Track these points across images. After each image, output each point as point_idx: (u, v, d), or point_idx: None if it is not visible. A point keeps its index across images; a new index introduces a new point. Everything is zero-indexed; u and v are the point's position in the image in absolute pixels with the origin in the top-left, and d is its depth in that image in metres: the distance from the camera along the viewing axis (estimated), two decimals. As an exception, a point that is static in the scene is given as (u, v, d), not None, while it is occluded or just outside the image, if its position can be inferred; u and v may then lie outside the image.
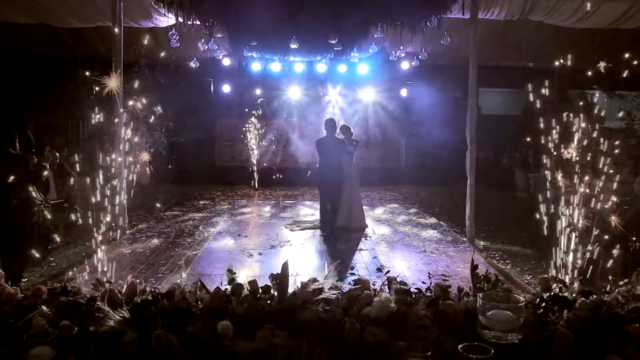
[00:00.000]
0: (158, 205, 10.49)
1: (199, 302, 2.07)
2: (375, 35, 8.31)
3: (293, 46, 7.91)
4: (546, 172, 5.24)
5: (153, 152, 10.38)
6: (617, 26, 9.66)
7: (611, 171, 4.99)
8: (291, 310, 2.02)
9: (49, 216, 7.27)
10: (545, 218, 4.70)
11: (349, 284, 2.29)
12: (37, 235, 7.13)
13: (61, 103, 13.11)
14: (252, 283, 2.20)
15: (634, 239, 6.27)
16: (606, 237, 5.02)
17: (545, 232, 4.88)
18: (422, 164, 14.88)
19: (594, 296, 2.18)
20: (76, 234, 8.21)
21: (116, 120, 7.21)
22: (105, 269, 4.89)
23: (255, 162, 14.31)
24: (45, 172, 7.66)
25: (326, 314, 2.01)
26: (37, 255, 6.66)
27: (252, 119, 14.32)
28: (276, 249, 7.97)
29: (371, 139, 15.42)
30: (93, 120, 5.65)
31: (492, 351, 1.61)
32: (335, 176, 8.81)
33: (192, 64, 10.52)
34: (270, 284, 2.18)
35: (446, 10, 7.97)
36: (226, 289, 2.12)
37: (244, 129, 14.61)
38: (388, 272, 2.37)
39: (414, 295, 2.16)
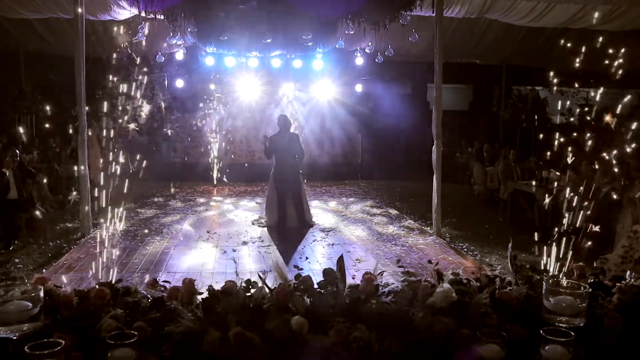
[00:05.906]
0: (120, 202, 10.15)
1: (264, 299, 2.07)
2: (347, 32, 8.39)
3: (266, 41, 7.86)
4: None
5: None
6: (566, 26, 10.14)
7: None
8: (357, 303, 2.06)
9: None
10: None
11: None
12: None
13: (5, 95, 12.49)
14: (308, 278, 2.23)
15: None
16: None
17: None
18: (378, 159, 15.11)
19: (624, 282, 2.34)
20: (39, 234, 7.88)
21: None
22: (78, 269, 4.76)
23: (212, 158, 14.10)
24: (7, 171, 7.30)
25: (392, 305, 2.06)
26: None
27: (208, 114, 14.12)
28: (248, 245, 7.91)
29: (326, 134, 15.51)
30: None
31: (573, 334, 1.71)
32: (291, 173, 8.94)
33: (157, 59, 10.26)
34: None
35: (412, 8, 8.12)
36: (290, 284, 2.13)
37: (199, 124, 14.38)
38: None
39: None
